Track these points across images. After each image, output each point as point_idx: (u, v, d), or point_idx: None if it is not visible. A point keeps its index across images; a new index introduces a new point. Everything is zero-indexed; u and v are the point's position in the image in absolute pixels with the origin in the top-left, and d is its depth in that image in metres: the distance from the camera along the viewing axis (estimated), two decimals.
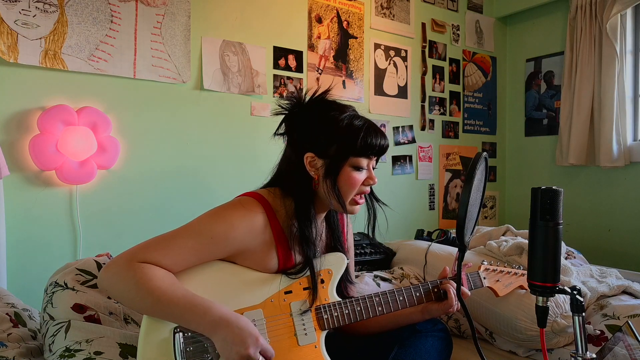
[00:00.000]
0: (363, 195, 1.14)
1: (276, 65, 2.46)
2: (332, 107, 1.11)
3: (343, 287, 1.23)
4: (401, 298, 1.19)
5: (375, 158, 1.14)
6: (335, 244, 1.22)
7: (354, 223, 1.37)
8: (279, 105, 1.15)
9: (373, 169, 1.14)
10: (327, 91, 1.14)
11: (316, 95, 1.14)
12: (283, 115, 1.15)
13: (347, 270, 1.21)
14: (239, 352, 0.92)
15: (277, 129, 1.16)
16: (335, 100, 1.15)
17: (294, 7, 2.52)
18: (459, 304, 1.19)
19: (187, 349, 0.98)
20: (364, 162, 1.10)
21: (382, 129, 2.90)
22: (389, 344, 1.20)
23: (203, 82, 2.21)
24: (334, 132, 1.08)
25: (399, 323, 1.25)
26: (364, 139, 1.07)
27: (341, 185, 1.09)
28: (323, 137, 1.08)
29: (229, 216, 1.04)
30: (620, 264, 2.69)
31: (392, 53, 2.92)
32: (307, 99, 1.14)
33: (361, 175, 1.11)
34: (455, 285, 1.21)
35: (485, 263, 1.39)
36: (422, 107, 3.07)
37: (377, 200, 1.20)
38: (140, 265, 0.96)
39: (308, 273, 1.11)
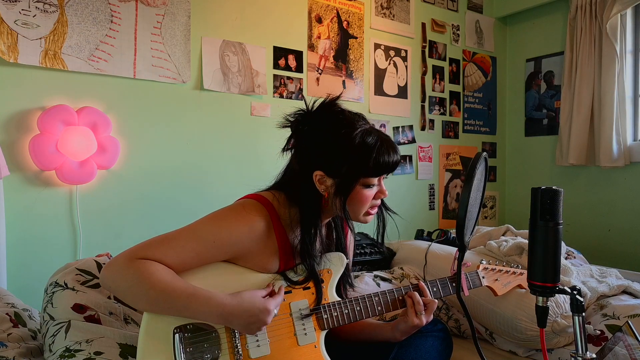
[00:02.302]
0: (376, 207, 1.12)
1: (276, 65, 2.46)
2: (342, 122, 1.06)
3: (342, 289, 1.23)
4: (400, 298, 1.19)
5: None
6: (336, 245, 1.22)
7: (359, 224, 1.36)
8: (287, 119, 1.10)
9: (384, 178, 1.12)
10: (336, 99, 1.09)
11: (326, 104, 1.08)
12: (289, 128, 1.11)
13: (347, 272, 1.20)
14: (258, 327, 0.99)
15: (286, 144, 1.12)
16: (345, 110, 1.09)
17: (294, 7, 2.52)
18: (422, 318, 1.15)
19: (187, 349, 0.98)
20: (375, 180, 1.08)
21: (382, 129, 2.92)
22: (389, 344, 1.19)
23: (203, 82, 2.21)
24: (345, 152, 1.03)
25: (374, 338, 1.22)
26: (377, 159, 1.04)
27: (352, 202, 1.07)
28: (333, 156, 1.04)
29: (232, 219, 1.04)
30: (620, 264, 2.69)
31: (392, 53, 2.92)
32: (314, 108, 1.09)
33: (372, 191, 1.08)
34: (417, 294, 1.18)
35: (484, 262, 1.39)
36: (422, 107, 3.07)
37: (387, 209, 1.19)
38: (142, 261, 0.96)
39: (310, 281, 1.11)
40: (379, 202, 1.12)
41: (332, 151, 1.05)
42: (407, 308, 1.16)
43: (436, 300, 1.19)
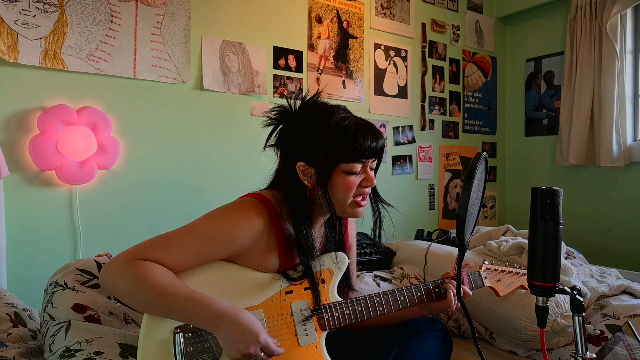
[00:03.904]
0: (366, 197, 1.11)
1: (276, 65, 2.45)
2: (321, 111, 1.08)
3: (342, 291, 1.23)
4: (402, 298, 1.19)
5: (371, 160, 1.09)
6: (336, 244, 1.21)
7: (361, 224, 1.35)
8: (268, 117, 1.12)
9: (373, 169, 1.11)
10: (315, 95, 1.10)
11: (306, 100, 1.10)
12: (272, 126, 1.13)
13: (347, 274, 1.20)
14: (239, 350, 0.92)
15: (267, 140, 1.13)
16: (326, 102, 1.10)
17: (294, 7, 2.52)
18: (459, 304, 1.19)
19: (187, 349, 0.98)
20: (356, 166, 1.06)
21: (382, 129, 2.92)
22: (389, 344, 1.19)
23: (203, 82, 2.21)
24: (321, 139, 1.04)
25: (398, 319, 1.25)
26: (352, 143, 1.03)
27: (336, 191, 1.07)
28: (312, 144, 1.05)
29: (231, 217, 1.04)
30: (620, 264, 2.69)
31: (392, 53, 2.92)
32: (297, 107, 1.10)
33: (356, 179, 1.07)
34: (455, 285, 1.21)
35: (487, 263, 1.39)
36: (422, 107, 3.07)
37: (382, 201, 1.17)
38: (141, 262, 0.96)
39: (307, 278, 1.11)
40: (367, 190, 1.10)
41: (310, 139, 1.05)
42: (447, 296, 1.21)
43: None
